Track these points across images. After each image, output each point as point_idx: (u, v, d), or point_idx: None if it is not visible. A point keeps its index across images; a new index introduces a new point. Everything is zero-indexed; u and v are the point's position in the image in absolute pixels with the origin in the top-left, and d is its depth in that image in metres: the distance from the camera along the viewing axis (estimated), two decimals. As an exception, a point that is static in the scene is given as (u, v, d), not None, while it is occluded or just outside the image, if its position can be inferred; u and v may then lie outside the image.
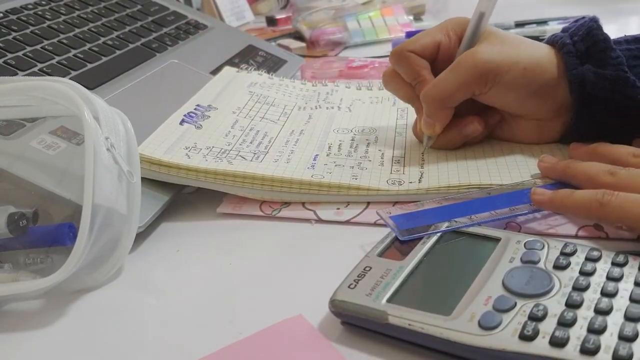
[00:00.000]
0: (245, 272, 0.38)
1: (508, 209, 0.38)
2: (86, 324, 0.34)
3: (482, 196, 0.40)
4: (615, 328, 0.26)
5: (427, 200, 0.40)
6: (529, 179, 0.42)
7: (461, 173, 0.44)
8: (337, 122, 0.54)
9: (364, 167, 0.46)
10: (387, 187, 0.43)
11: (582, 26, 0.45)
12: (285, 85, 0.63)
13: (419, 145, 0.49)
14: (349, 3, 0.96)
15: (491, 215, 0.38)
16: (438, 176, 0.44)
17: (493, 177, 0.43)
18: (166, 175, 0.44)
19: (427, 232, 0.36)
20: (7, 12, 0.60)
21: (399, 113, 0.56)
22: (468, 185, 0.42)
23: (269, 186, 0.44)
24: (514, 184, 0.41)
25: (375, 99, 0.60)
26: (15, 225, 0.37)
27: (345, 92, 0.62)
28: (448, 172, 0.44)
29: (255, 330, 0.32)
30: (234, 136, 0.50)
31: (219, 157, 0.46)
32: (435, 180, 0.43)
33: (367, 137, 0.51)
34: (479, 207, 0.39)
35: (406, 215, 0.38)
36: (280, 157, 0.47)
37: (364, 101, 0.60)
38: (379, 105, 0.59)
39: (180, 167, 0.44)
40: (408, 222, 0.37)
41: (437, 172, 0.44)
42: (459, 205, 0.39)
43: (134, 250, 0.40)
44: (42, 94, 0.37)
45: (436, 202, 0.40)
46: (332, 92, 0.62)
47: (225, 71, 0.63)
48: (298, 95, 0.60)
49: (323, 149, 0.49)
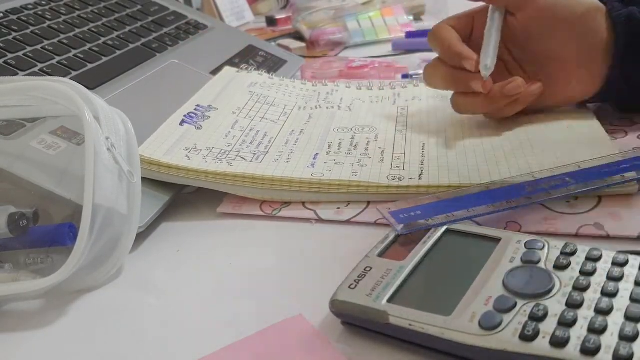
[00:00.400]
0: (246, 272, 0.38)
1: (505, 201, 0.38)
2: (86, 324, 0.34)
3: (480, 190, 0.40)
4: (616, 328, 0.26)
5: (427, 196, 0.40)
6: (528, 173, 0.42)
7: (462, 171, 0.44)
8: (338, 121, 0.54)
9: (364, 164, 0.46)
10: (387, 183, 0.43)
11: None
12: (286, 85, 0.63)
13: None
14: (349, 3, 0.96)
15: (488, 209, 0.38)
16: (438, 174, 0.44)
17: (493, 175, 0.43)
18: (166, 175, 0.44)
19: (426, 225, 0.36)
20: (7, 12, 0.60)
21: (399, 111, 0.56)
22: (469, 185, 0.42)
23: (269, 186, 0.44)
24: (512, 177, 0.41)
25: (376, 98, 0.60)
26: (16, 225, 0.37)
27: (345, 92, 0.62)
28: (448, 169, 0.44)
29: (255, 330, 0.32)
30: (234, 137, 0.50)
31: (218, 158, 0.46)
32: (436, 178, 0.43)
33: (367, 136, 0.51)
34: (476, 201, 0.39)
35: (405, 210, 0.38)
36: (280, 157, 0.47)
37: (364, 100, 0.60)
38: (379, 105, 0.59)
39: (180, 168, 0.44)
40: (407, 217, 0.38)
41: (437, 170, 0.44)
42: (456, 199, 0.39)
43: (134, 250, 0.40)
44: (42, 94, 0.37)
45: (435, 197, 0.40)
46: (332, 92, 0.62)
47: (225, 71, 0.63)
48: (298, 95, 0.60)
49: (323, 148, 0.49)
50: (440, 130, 0.52)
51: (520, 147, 0.46)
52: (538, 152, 0.45)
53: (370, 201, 0.43)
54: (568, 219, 0.39)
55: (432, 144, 0.49)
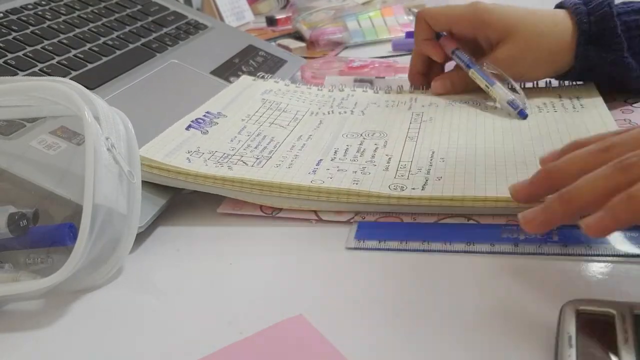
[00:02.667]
0: (246, 272, 0.38)
1: (489, 244, 0.37)
2: (86, 324, 0.34)
3: (461, 222, 0.39)
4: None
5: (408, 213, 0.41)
6: None
7: (467, 184, 0.41)
8: (348, 127, 0.53)
9: (368, 172, 0.44)
10: (387, 193, 0.41)
11: (600, 6, 0.52)
12: (301, 91, 0.62)
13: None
14: (349, 3, 0.96)
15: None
16: (443, 185, 0.42)
17: (500, 191, 0.40)
18: (165, 178, 0.44)
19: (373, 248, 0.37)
20: (7, 12, 0.60)
21: (413, 117, 0.55)
22: (473, 198, 0.40)
23: (267, 191, 0.43)
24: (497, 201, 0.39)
25: (392, 102, 0.59)
26: (16, 226, 0.37)
27: (361, 96, 0.61)
28: (454, 181, 0.42)
29: (255, 331, 0.32)
30: (239, 141, 0.49)
31: (219, 162, 0.46)
32: (439, 189, 0.41)
33: (377, 142, 0.50)
34: (454, 235, 0.38)
35: (375, 225, 0.40)
36: (283, 162, 0.46)
37: (379, 104, 0.58)
38: (394, 109, 0.57)
39: (179, 171, 0.44)
40: (368, 232, 0.39)
41: (442, 181, 0.42)
42: (434, 226, 0.39)
43: (134, 250, 0.40)
44: (42, 94, 0.37)
45: (411, 218, 0.40)
46: (348, 97, 0.60)
47: (242, 79, 0.62)
48: (312, 102, 0.59)
49: (328, 154, 0.48)
50: (453, 138, 0.49)
51: (533, 157, 0.44)
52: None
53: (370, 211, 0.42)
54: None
55: (441, 152, 0.47)
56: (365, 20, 0.92)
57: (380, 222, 0.40)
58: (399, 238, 0.38)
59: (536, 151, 0.45)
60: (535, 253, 0.35)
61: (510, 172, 0.42)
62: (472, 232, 0.38)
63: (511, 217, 0.39)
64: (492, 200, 0.39)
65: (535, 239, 0.36)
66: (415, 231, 0.39)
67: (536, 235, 0.36)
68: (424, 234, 0.38)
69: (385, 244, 0.38)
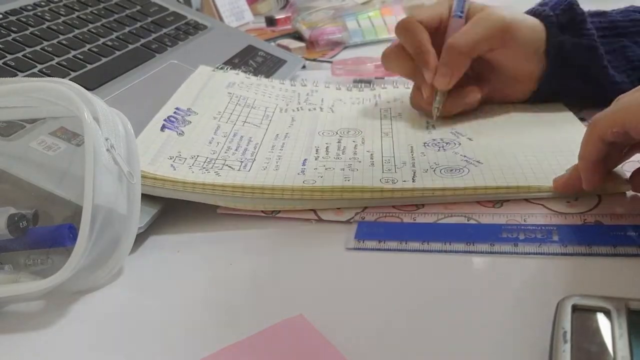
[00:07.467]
0: (246, 272, 0.38)
1: (488, 244, 0.37)
2: (86, 324, 0.34)
3: (461, 221, 0.39)
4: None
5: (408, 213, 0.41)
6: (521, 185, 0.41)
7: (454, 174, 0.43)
8: (322, 124, 0.54)
9: (355, 169, 0.45)
10: (381, 186, 0.42)
11: (562, 1, 0.52)
12: (264, 85, 0.62)
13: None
14: (348, 3, 0.96)
15: (467, 246, 0.37)
16: (432, 176, 0.43)
17: (487, 180, 0.42)
18: (151, 188, 0.43)
19: (373, 248, 0.37)
20: (6, 14, 0.60)
21: (382, 113, 0.56)
22: (464, 188, 0.41)
23: (259, 195, 0.42)
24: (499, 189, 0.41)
25: (356, 99, 0.60)
26: (16, 227, 0.37)
27: (325, 93, 0.61)
28: (440, 173, 0.44)
29: (255, 331, 0.32)
30: (217, 143, 0.49)
31: (205, 168, 0.45)
32: (430, 180, 0.43)
33: (354, 139, 0.51)
34: (454, 235, 0.38)
35: (375, 225, 0.40)
36: (269, 164, 0.46)
37: (345, 102, 0.60)
38: (361, 106, 0.59)
39: (166, 179, 0.43)
40: (368, 232, 0.39)
41: (429, 173, 0.44)
42: (434, 226, 0.39)
43: (134, 250, 0.40)
44: (42, 95, 0.37)
45: (411, 218, 0.40)
46: (312, 92, 0.61)
47: (200, 69, 0.61)
48: (278, 96, 0.60)
49: (311, 153, 0.48)
50: (426, 132, 0.52)
51: (509, 148, 0.46)
52: (534, 155, 0.45)
53: (367, 206, 0.42)
54: (568, 218, 0.39)
55: (419, 146, 0.49)
56: (365, 20, 0.92)
57: (380, 222, 0.40)
58: (399, 238, 0.38)
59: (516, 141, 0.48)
60: (535, 253, 0.35)
61: (493, 165, 0.45)
62: (471, 232, 0.38)
63: (511, 217, 0.39)
64: (483, 189, 0.41)
65: (535, 238, 0.36)
66: (415, 231, 0.39)
67: (536, 235, 0.37)
68: (424, 234, 0.38)
69: (385, 244, 0.38)
